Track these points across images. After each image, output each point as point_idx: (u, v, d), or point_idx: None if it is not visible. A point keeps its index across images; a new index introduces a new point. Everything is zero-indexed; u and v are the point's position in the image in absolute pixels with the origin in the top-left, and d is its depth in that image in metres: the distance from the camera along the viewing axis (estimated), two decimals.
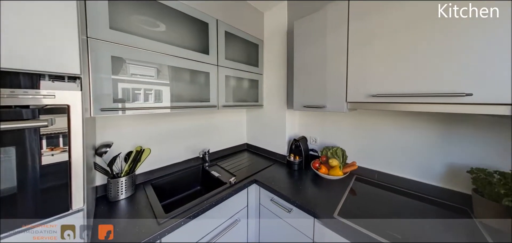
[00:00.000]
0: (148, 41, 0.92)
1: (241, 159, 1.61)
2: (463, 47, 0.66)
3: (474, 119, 0.87)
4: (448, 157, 0.94)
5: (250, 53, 1.57)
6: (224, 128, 1.71)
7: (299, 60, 1.23)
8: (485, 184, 0.78)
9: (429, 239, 0.71)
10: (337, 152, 1.29)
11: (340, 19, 0.98)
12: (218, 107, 1.28)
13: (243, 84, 1.53)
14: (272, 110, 1.63)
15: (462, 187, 0.91)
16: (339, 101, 1.02)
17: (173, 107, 1.04)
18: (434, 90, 0.71)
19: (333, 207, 0.89)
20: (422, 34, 0.73)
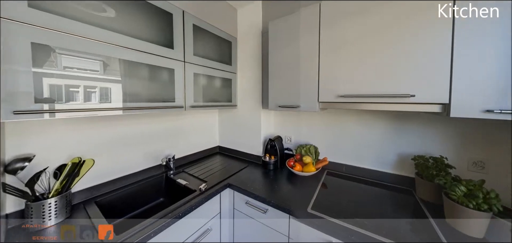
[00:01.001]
0: (89, 28, 0.76)
1: (213, 163, 1.54)
2: (407, 56, 0.79)
3: (417, 116, 1.06)
4: (398, 148, 1.12)
5: (222, 51, 1.51)
6: (192, 130, 1.60)
7: (274, 61, 1.25)
8: (423, 168, 0.95)
9: (383, 214, 0.85)
10: (310, 149, 1.36)
11: (312, 24, 1.06)
12: (185, 108, 1.18)
13: (214, 83, 1.47)
14: (247, 110, 1.61)
15: (408, 171, 1.10)
16: (312, 101, 1.09)
17: (127, 109, 0.89)
18: (388, 92, 0.84)
19: (306, 202, 0.93)
20: (378, 43, 0.86)
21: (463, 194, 0.72)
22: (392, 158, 1.14)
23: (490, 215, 0.68)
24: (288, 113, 1.59)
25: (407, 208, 0.90)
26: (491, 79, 0.65)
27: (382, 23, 0.84)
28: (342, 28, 0.96)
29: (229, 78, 1.58)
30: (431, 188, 0.91)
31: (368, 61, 0.88)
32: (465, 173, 0.91)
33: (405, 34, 0.79)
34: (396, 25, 0.81)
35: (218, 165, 1.48)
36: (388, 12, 0.82)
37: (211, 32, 1.38)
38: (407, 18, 0.78)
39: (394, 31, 0.81)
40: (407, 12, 0.78)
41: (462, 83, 0.70)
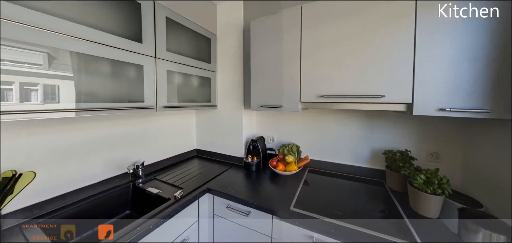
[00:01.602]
0: (27, 12, 0.63)
1: (190, 167, 1.46)
2: (378, 59, 0.89)
3: (386, 115, 1.20)
4: (371, 144, 1.25)
5: (200, 48, 1.44)
6: (166, 133, 1.48)
7: (257, 60, 1.25)
8: (392, 161, 1.09)
9: (358, 206, 0.94)
10: (293, 148, 1.41)
11: (294, 25, 1.10)
12: (157, 109, 1.08)
13: (191, 82, 1.39)
14: (228, 110, 1.58)
15: (379, 165, 1.23)
16: (294, 101, 1.13)
17: (82, 111, 0.77)
18: (362, 93, 0.93)
19: (289, 201, 0.96)
20: (354, 47, 0.94)
21: (423, 181, 0.85)
22: (366, 153, 1.27)
23: (443, 198, 0.82)
24: (270, 113, 1.61)
25: (379, 198, 1.02)
26: (443, 83, 0.78)
27: (357, 29, 0.93)
28: (322, 30, 1.02)
29: (208, 77, 1.51)
30: (398, 178, 1.05)
31: (345, 63, 0.96)
32: (424, 163, 1.08)
33: (376, 40, 0.89)
34: (369, 31, 0.90)
35: (196, 170, 1.41)
36: (362, 19, 0.92)
37: (187, 27, 1.30)
38: (378, 25, 0.88)
39: (368, 37, 0.91)
40: (378, 20, 0.88)
41: (422, 85, 0.82)
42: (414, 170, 0.92)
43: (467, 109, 0.75)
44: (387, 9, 0.87)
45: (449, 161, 1.06)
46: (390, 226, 0.78)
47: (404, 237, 0.71)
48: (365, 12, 0.91)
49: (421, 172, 0.88)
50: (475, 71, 0.74)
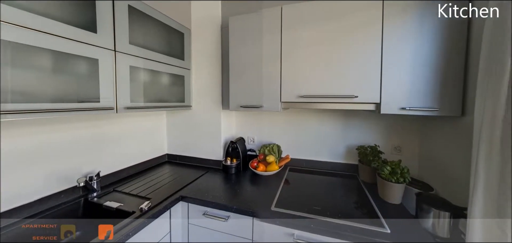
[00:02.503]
0: None
1: (160, 174, 1.38)
2: (352, 63, 1.01)
3: (359, 113, 1.35)
4: (346, 140, 1.40)
5: (172, 43, 1.36)
6: (129, 138, 1.37)
7: (236, 59, 1.26)
8: (364, 155, 1.24)
9: (335, 200, 1.05)
10: (274, 148, 1.47)
11: (274, 25, 1.14)
12: (118, 110, 0.98)
13: (161, 80, 1.30)
14: (204, 111, 1.54)
15: (353, 160, 1.38)
16: (274, 101, 1.19)
17: (8, 113, 0.64)
18: (339, 93, 1.04)
19: (270, 201, 1.00)
20: (332, 50, 1.05)
21: (388, 172, 1.00)
22: (342, 149, 1.42)
23: (404, 185, 0.98)
24: (250, 114, 1.64)
25: (353, 190, 1.16)
26: (404, 85, 0.93)
27: (335, 33, 1.03)
28: (302, 32, 1.09)
29: (181, 75, 1.44)
30: (369, 171, 1.20)
31: (324, 65, 1.06)
32: (390, 156, 1.26)
33: (351, 44, 1.01)
34: (345, 36, 1.01)
35: (167, 177, 1.34)
36: (339, 25, 1.02)
37: (156, 19, 1.20)
38: (352, 32, 1.00)
39: (344, 41, 1.01)
40: (352, 26, 1.00)
41: (387, 87, 0.95)
42: (382, 162, 1.08)
43: (422, 108, 0.91)
44: (359, 17, 0.98)
45: (409, 152, 1.26)
46: (362, 215, 0.91)
47: (374, 224, 0.83)
48: (342, 18, 1.01)
49: (387, 164, 1.03)
50: (427, 75, 0.90)
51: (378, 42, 0.96)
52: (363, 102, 1.01)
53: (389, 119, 1.30)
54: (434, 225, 0.84)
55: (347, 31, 1.01)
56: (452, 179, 0.94)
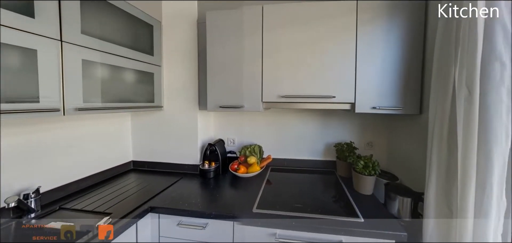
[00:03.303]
0: None
1: (123, 185, 1.29)
2: (331, 65, 1.12)
3: (337, 113, 1.49)
4: (325, 138, 1.54)
5: (139, 35, 1.26)
6: (83, 144, 1.23)
7: (214, 57, 1.25)
8: (341, 152, 1.38)
9: (315, 196, 1.14)
10: (255, 149, 1.51)
11: (255, 24, 1.18)
12: (66, 112, 0.87)
13: (125, 77, 1.20)
14: (179, 112, 1.48)
15: (332, 156, 1.53)
16: (256, 101, 1.22)
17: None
18: (319, 93, 1.13)
19: (252, 203, 1.03)
20: (312, 51, 1.13)
21: (362, 166, 1.15)
22: (321, 147, 1.56)
23: (375, 177, 1.14)
24: (230, 114, 1.65)
25: (331, 185, 1.29)
26: (374, 86, 1.08)
27: (315, 35, 1.12)
28: (283, 33, 1.15)
29: (150, 72, 1.35)
30: (345, 166, 1.35)
31: (305, 66, 1.14)
32: (363, 151, 1.43)
33: (329, 47, 1.11)
34: (324, 40, 1.12)
35: (132, 187, 1.26)
36: (319, 28, 1.12)
37: (117, 7, 1.10)
38: (331, 35, 1.11)
39: (323, 44, 1.12)
40: (330, 30, 1.11)
41: (361, 88, 1.09)
42: (356, 157, 1.22)
43: (389, 107, 1.08)
44: (337, 22, 1.10)
45: (379, 147, 1.47)
46: (340, 207, 1.02)
47: (350, 215, 0.95)
48: (322, 22, 1.11)
49: (361, 159, 1.17)
50: (393, 78, 1.07)
51: (353, 47, 1.09)
52: (340, 102, 1.13)
53: (362, 118, 1.49)
54: (399, 210, 1.01)
55: (327, 35, 1.11)
56: (413, 168, 1.13)
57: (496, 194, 0.65)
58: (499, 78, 0.66)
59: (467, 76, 0.71)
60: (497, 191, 0.65)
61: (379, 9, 1.07)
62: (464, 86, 0.72)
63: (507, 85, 0.65)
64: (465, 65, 0.72)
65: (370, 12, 1.08)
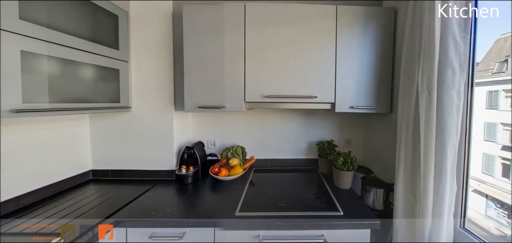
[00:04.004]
0: None
1: (80, 199, 1.16)
2: (313, 66, 1.21)
3: (319, 112, 1.61)
4: (308, 137, 1.65)
5: (100, 26, 1.15)
6: (25, 154, 1.08)
7: (192, 53, 1.23)
8: (322, 150, 1.51)
9: (298, 193, 1.22)
10: (237, 150, 1.53)
11: (238, 22, 1.20)
12: (0, 114, 0.77)
13: (81, 73, 1.08)
14: (151, 113, 1.40)
15: (314, 155, 1.65)
16: (238, 101, 1.24)
17: None
18: (301, 94, 1.22)
19: (234, 207, 1.05)
20: (295, 52, 1.20)
21: (341, 162, 1.27)
22: (304, 146, 1.67)
23: (353, 172, 1.28)
24: (210, 115, 1.64)
25: (313, 182, 1.40)
26: (352, 87, 1.21)
27: (299, 37, 1.20)
28: (267, 32, 1.20)
29: (115, 68, 1.25)
30: (326, 163, 1.48)
31: (288, 67, 1.21)
32: (342, 148, 1.59)
33: (312, 49, 1.20)
34: (306, 41, 1.20)
35: (92, 200, 1.15)
36: (301, 29, 1.20)
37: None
38: (313, 37, 1.20)
39: (306, 45, 1.20)
40: (312, 32, 1.19)
41: (340, 89, 1.21)
42: (336, 154, 1.35)
43: (365, 107, 1.22)
44: (319, 25, 1.20)
45: (356, 144, 1.65)
46: (322, 203, 1.12)
47: (330, 209, 1.05)
48: (304, 23, 1.19)
49: (340, 156, 1.30)
50: (368, 79, 1.22)
51: (333, 49, 1.20)
52: (321, 102, 1.24)
53: (341, 117, 1.65)
54: (373, 201, 1.16)
55: (309, 36, 1.20)
56: (385, 162, 1.31)
57: (449, 180, 0.81)
58: (451, 82, 0.82)
59: (427, 80, 0.86)
60: (450, 177, 0.81)
61: (356, 15, 1.20)
62: (425, 88, 0.87)
63: (457, 88, 0.81)
64: (425, 70, 0.87)
65: (348, 17, 1.20)
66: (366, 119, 1.61)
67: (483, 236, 0.84)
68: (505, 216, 0.99)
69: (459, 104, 0.81)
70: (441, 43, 0.83)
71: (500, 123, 1.45)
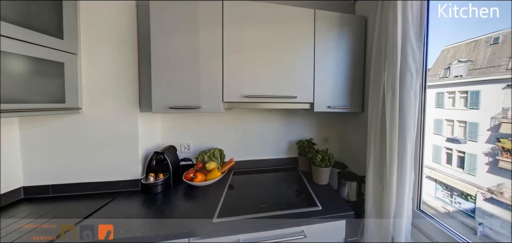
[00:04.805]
0: None
1: (5, 225, 0.99)
2: (293, 67, 1.32)
3: (298, 112, 1.77)
4: (288, 137, 1.79)
5: (35, 10, 1.01)
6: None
7: (161, 50, 1.20)
8: (302, 148, 1.67)
9: (279, 193, 1.32)
10: (215, 153, 1.55)
11: (214, 19, 1.22)
12: None
13: (9, 65, 0.93)
14: (108, 115, 1.30)
15: (294, 153, 1.80)
16: (216, 101, 1.27)
17: None
18: (282, 94, 1.32)
19: (212, 213, 1.08)
20: (274, 53, 1.30)
21: (320, 159, 1.43)
22: (284, 145, 1.80)
23: (330, 168, 1.45)
24: (184, 116, 1.62)
25: (294, 180, 1.54)
26: (329, 88, 1.38)
27: (278, 37, 1.30)
28: (246, 32, 1.25)
29: (59, 61, 1.12)
30: (306, 161, 1.64)
31: (268, 67, 1.30)
32: (320, 146, 1.77)
33: (292, 50, 1.32)
34: (287, 42, 1.31)
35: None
36: (281, 29, 1.29)
37: None
38: (293, 38, 1.31)
39: (286, 46, 1.31)
40: (293, 33, 1.31)
41: (318, 90, 1.36)
42: (315, 152, 1.51)
43: (340, 106, 1.41)
44: (299, 27, 1.31)
45: (333, 141, 1.87)
46: (301, 200, 1.26)
47: (310, 205, 1.18)
48: (284, 24, 1.29)
49: (319, 153, 1.46)
50: (343, 81, 1.40)
51: (311, 51, 1.34)
52: (301, 102, 1.37)
53: (320, 116, 1.84)
54: (348, 193, 1.34)
55: (290, 37, 1.31)
56: (358, 157, 1.53)
57: (408, 170, 1.02)
58: (410, 84, 1.02)
59: (392, 82, 1.05)
60: (409, 167, 1.02)
61: (332, 20, 1.37)
62: (390, 89, 1.06)
63: (414, 90, 1.01)
64: (390, 74, 1.05)
65: (325, 22, 1.35)
66: (341, 118, 1.84)
67: (433, 215, 1.08)
68: (449, 195, 1.29)
69: (416, 103, 1.01)
70: (402, 50, 1.02)
71: (445, 119, 1.85)
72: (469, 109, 1.88)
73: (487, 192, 1.68)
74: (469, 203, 1.79)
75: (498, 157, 1.68)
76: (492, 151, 1.78)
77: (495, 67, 1.62)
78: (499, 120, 1.63)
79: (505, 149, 1.67)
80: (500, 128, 1.64)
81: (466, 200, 1.83)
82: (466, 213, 1.77)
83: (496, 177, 1.67)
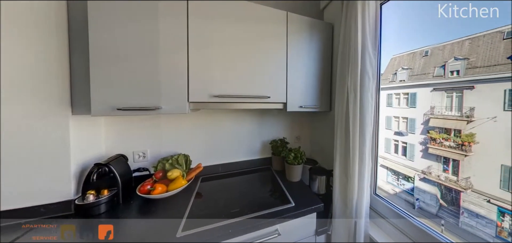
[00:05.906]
0: None
1: None
2: (266, 66, 1.48)
3: (271, 112, 2.01)
4: (262, 137, 1.99)
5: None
6: None
7: (103, 39, 1.10)
8: (275, 148, 1.90)
9: (253, 195, 1.46)
10: (179, 159, 1.55)
11: (178, 8, 1.23)
12: None
13: None
14: (18, 121, 1.11)
15: (268, 153, 2.03)
16: (180, 101, 1.25)
17: None
18: (254, 94, 1.46)
19: (175, 227, 1.06)
20: (247, 51, 1.42)
21: (292, 158, 1.63)
22: (258, 146, 2.00)
23: (302, 165, 1.68)
24: (138, 119, 1.59)
25: (268, 180, 1.74)
26: (301, 88, 1.63)
27: (250, 35, 1.43)
28: (215, 26, 1.33)
29: None
30: (279, 160, 1.87)
31: (239, 65, 1.41)
32: (293, 144, 2.04)
33: (264, 49, 1.47)
34: (259, 41, 1.45)
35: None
36: (254, 28, 1.43)
37: None
38: (265, 38, 1.46)
39: (258, 45, 1.45)
40: (265, 32, 1.46)
41: (291, 90, 1.59)
42: (288, 151, 1.72)
43: (311, 106, 1.68)
44: (272, 27, 1.48)
45: (305, 139, 2.16)
46: (275, 199, 1.44)
47: (284, 203, 1.36)
48: (257, 23, 1.43)
49: (291, 151, 1.68)
50: (313, 82, 1.67)
51: (284, 52, 1.56)
52: (275, 102, 1.57)
53: (292, 116, 2.10)
54: (318, 187, 1.59)
55: (263, 37, 1.47)
56: (327, 153, 1.84)
57: (367, 161, 1.30)
58: (368, 86, 1.30)
59: (354, 84, 1.32)
60: (368, 159, 1.31)
61: (303, 23, 1.62)
62: (352, 90, 1.32)
63: (371, 91, 1.30)
64: (352, 76, 1.32)
65: (297, 25, 1.59)
66: (311, 117, 2.14)
67: (385, 196, 1.41)
68: (396, 179, 1.70)
69: (372, 103, 1.31)
70: (362, 56, 1.30)
71: (393, 116, 2.50)
72: (409, 107, 2.64)
73: (421, 173, 2.36)
74: (410, 183, 2.49)
75: (428, 144, 2.40)
76: (424, 141, 2.51)
77: (426, 74, 2.32)
78: (429, 116, 2.36)
79: (433, 138, 2.37)
80: (429, 122, 2.38)
81: (408, 181, 2.53)
82: (408, 192, 2.47)
83: (427, 161, 2.40)
